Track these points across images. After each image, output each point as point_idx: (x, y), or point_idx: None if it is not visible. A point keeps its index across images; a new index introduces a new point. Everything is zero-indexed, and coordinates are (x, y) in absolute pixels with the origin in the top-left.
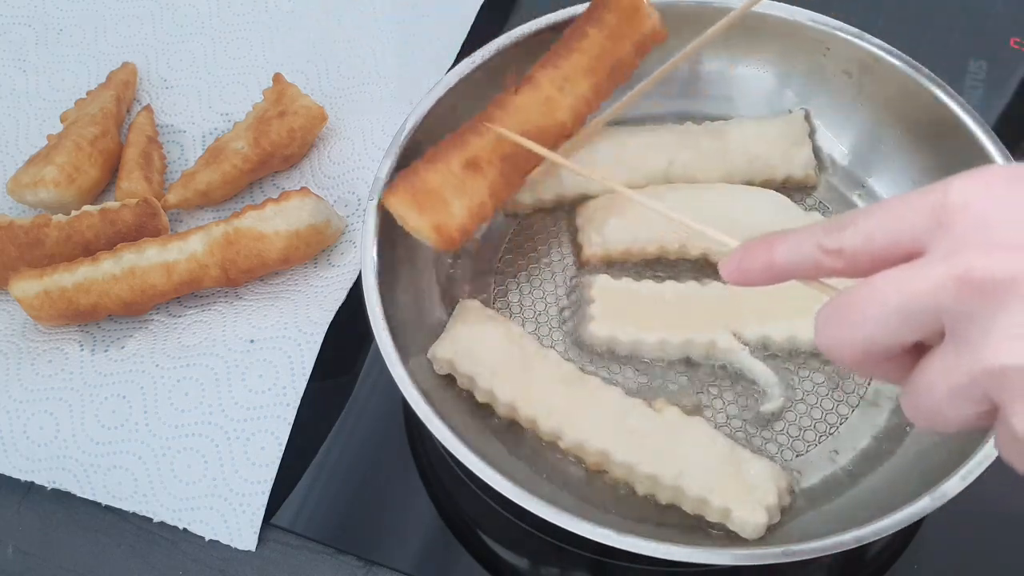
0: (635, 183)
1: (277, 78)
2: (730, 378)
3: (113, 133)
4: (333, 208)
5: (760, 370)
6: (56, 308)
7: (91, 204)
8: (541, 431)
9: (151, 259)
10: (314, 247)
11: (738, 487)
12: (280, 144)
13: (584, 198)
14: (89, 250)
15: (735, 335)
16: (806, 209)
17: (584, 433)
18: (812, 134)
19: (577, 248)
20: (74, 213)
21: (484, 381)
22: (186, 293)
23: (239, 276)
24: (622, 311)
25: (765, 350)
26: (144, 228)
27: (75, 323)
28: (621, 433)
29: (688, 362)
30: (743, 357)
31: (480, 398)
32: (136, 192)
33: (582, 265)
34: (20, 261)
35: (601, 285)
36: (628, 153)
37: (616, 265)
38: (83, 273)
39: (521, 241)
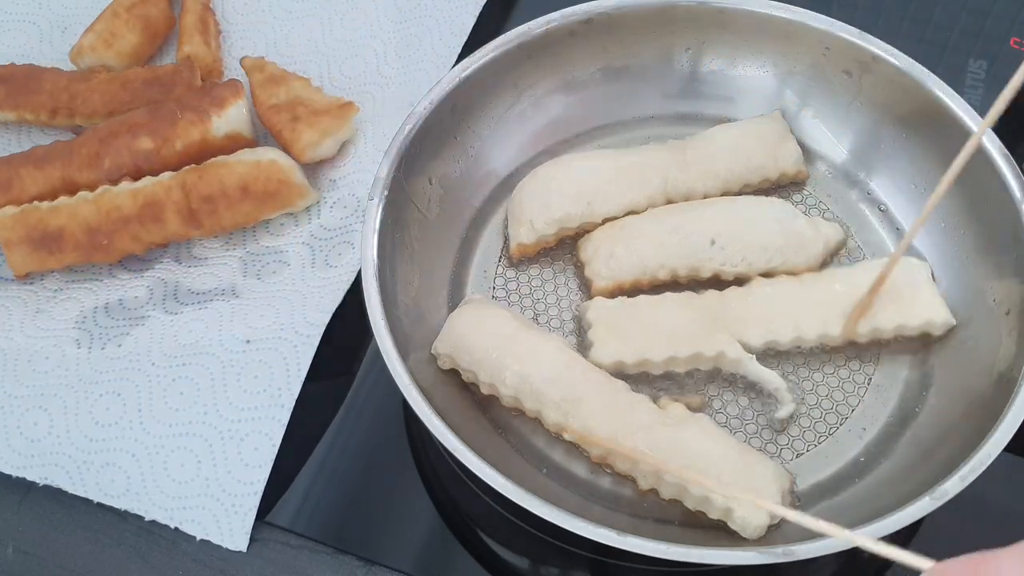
0: (638, 205)
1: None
2: (737, 386)
3: (156, 0)
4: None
5: (769, 377)
6: (27, 224)
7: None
8: (546, 423)
9: (123, 188)
10: (274, 186)
11: (743, 486)
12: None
13: (585, 229)
14: (132, 100)
15: (741, 343)
16: (807, 212)
17: (589, 427)
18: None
19: (586, 283)
20: None
21: (486, 375)
22: (150, 223)
23: (200, 205)
24: (623, 332)
25: (771, 353)
26: (180, 75)
27: (43, 251)
28: (626, 427)
29: (693, 373)
30: (752, 366)
31: (484, 391)
32: (197, 55)
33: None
34: (65, 91)
35: (597, 308)
36: (625, 176)
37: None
38: (60, 201)
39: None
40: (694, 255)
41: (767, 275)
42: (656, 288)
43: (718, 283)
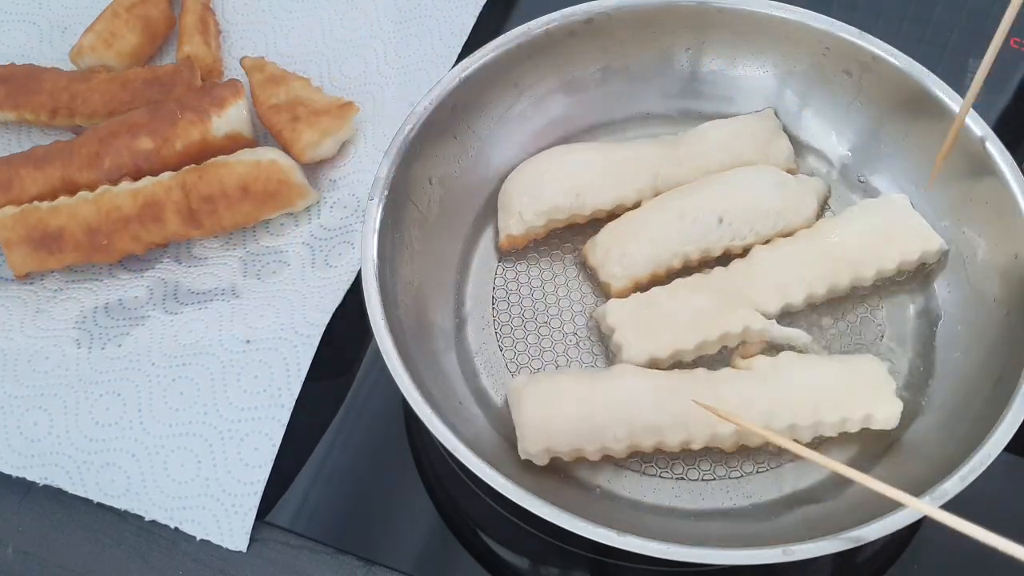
0: (627, 200)
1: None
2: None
3: (156, 0)
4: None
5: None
6: (27, 224)
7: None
8: (669, 448)
9: (123, 188)
10: (274, 185)
11: (865, 390)
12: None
13: (575, 221)
14: (132, 100)
15: (760, 312)
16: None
17: (712, 426)
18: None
19: (603, 288)
20: None
21: (592, 445)
22: (150, 223)
23: (200, 205)
24: (648, 329)
25: (787, 315)
26: (180, 75)
27: (43, 251)
28: (743, 404)
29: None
30: (776, 330)
31: (593, 459)
32: (197, 55)
33: None
34: (65, 91)
35: (616, 310)
36: (616, 170)
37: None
38: (60, 201)
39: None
40: (704, 237)
41: (772, 240)
42: (671, 277)
43: (728, 260)
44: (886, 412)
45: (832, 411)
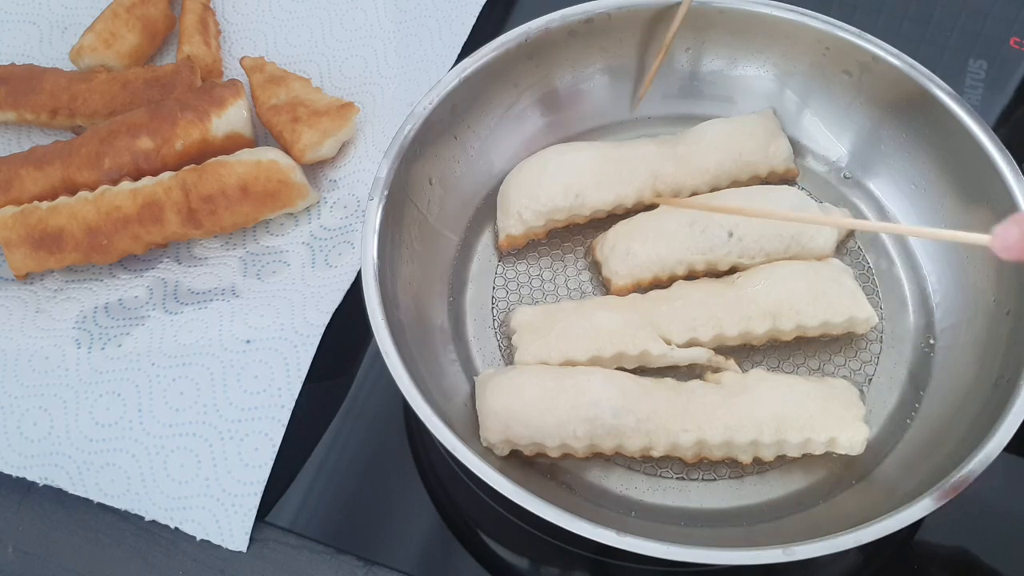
0: (627, 199)
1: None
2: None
3: (156, 0)
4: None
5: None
6: (27, 224)
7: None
8: (628, 452)
9: (123, 187)
10: (274, 185)
11: (832, 413)
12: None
13: (574, 222)
14: (132, 100)
15: (665, 340)
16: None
17: (674, 435)
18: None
19: (604, 283)
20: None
21: (552, 440)
22: (150, 223)
23: (200, 205)
24: (546, 337)
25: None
26: (180, 75)
27: (43, 251)
28: (707, 417)
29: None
30: (678, 354)
31: (554, 455)
32: (197, 56)
33: None
34: (65, 91)
35: (519, 315)
36: (614, 169)
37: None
38: (59, 201)
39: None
40: (711, 249)
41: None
42: (672, 284)
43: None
44: (851, 437)
45: (796, 431)
